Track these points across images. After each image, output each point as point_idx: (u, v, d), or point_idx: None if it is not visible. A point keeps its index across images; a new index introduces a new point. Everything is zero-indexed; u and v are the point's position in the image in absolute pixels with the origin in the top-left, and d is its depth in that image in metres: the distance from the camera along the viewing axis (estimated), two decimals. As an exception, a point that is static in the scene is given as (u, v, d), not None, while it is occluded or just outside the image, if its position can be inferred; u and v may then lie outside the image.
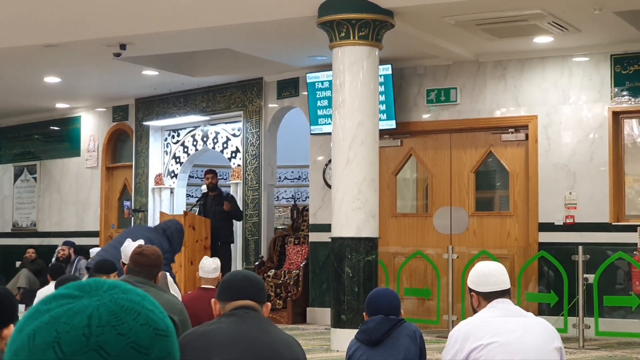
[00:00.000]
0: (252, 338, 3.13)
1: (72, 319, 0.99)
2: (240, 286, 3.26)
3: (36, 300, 5.71)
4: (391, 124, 11.11)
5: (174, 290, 7.19)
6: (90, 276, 8.06)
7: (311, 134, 12.02)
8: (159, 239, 8.88)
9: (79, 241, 13.95)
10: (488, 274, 3.99)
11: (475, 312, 4.02)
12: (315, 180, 12.19)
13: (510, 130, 10.89)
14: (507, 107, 10.90)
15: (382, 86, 10.64)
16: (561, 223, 10.44)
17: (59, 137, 16.03)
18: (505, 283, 3.99)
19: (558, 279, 9.97)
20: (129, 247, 6.16)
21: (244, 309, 3.22)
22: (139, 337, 1.00)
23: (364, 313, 4.71)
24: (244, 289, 3.25)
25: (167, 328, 1.04)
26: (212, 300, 3.37)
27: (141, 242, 6.53)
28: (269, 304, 3.32)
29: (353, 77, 8.96)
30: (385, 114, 10.88)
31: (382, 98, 10.66)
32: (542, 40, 10.13)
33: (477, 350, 3.79)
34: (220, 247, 12.06)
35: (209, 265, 6.68)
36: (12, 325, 3.66)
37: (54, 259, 14.02)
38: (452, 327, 9.71)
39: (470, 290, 4.03)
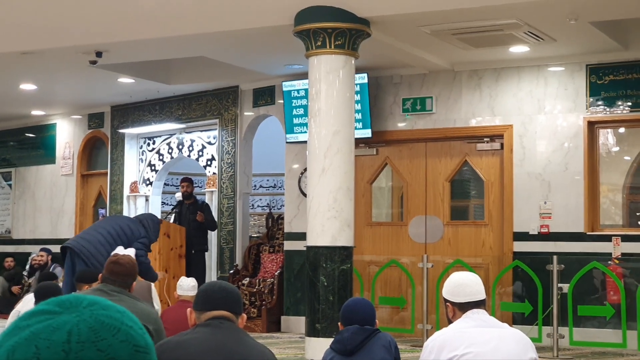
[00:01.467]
0: (226, 348, 3.12)
1: (52, 335, 0.97)
2: (216, 297, 3.26)
3: (20, 304, 5.75)
4: (367, 133, 11.13)
5: (156, 302, 7.45)
6: (70, 285, 8.01)
7: (287, 142, 12.01)
8: (136, 226, 8.99)
9: (53, 248, 13.85)
10: (463, 284, 4.00)
11: (450, 322, 4.03)
12: (291, 189, 12.18)
13: (485, 139, 10.93)
14: (482, 117, 10.95)
15: (358, 95, 10.66)
16: (536, 232, 10.49)
17: (34, 144, 15.94)
18: (480, 293, 4.00)
19: (532, 289, 10.01)
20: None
21: (218, 319, 3.22)
22: (119, 354, 0.99)
23: (339, 323, 4.72)
24: (220, 299, 3.25)
25: (147, 345, 1.03)
26: (188, 310, 3.37)
27: (132, 251, 6.70)
28: (244, 315, 3.32)
29: (329, 85, 8.96)
30: (361, 123, 10.90)
31: (358, 107, 10.67)
32: (518, 49, 10.19)
33: (452, 360, 3.80)
34: (194, 255, 12.03)
35: (188, 284, 7.25)
36: None
37: (27, 266, 13.93)
38: (427, 336, 9.73)
39: (446, 300, 4.04)
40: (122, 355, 0.99)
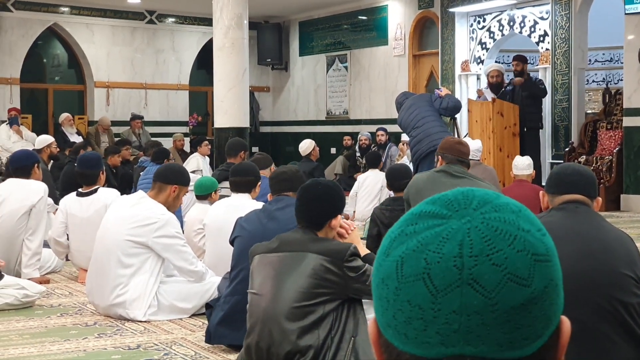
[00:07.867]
0: (583, 233, 3.06)
1: (442, 247, 0.88)
2: (570, 180, 3.18)
3: (356, 185, 6.14)
4: None
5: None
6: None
7: (626, 13, 11.42)
8: (428, 97, 9.23)
9: (389, 128, 14.29)
10: None
11: None
12: (630, 62, 11.63)
13: None
14: None
15: None
16: None
17: (367, 27, 16.37)
18: None
19: None
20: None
21: (573, 203, 3.16)
22: (517, 267, 0.87)
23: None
24: (574, 183, 3.17)
25: (548, 251, 0.91)
26: (541, 192, 3.34)
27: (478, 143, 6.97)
28: (599, 199, 3.21)
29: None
30: None
31: None
32: None
33: None
34: (527, 133, 11.87)
35: (523, 163, 7.12)
36: (339, 216, 3.86)
37: (357, 147, 14.52)
38: None
39: None
40: (520, 269, 0.88)
